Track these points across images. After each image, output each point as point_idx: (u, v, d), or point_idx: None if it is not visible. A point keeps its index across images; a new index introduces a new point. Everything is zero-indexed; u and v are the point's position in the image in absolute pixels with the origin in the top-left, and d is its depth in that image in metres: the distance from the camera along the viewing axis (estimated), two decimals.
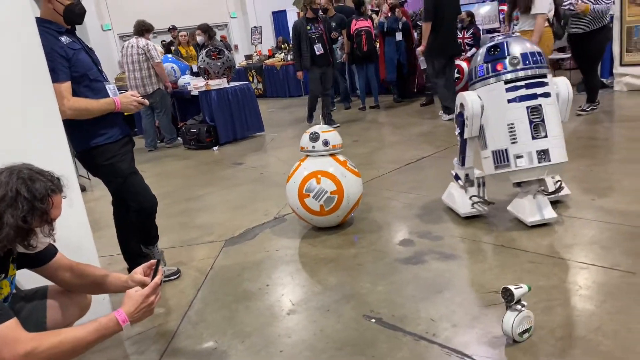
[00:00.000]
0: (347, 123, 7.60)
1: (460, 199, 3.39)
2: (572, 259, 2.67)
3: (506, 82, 2.98)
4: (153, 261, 2.03)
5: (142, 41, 6.91)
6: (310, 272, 2.94)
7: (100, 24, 13.95)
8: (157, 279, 1.92)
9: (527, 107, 2.94)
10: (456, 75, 7.98)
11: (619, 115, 5.94)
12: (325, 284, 2.77)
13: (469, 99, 3.10)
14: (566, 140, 3.10)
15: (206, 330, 2.47)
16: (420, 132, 6.31)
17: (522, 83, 2.95)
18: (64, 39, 2.58)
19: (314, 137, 3.37)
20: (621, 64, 7.10)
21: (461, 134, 3.23)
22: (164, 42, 10.49)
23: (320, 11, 7.40)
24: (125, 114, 2.98)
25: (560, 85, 3.07)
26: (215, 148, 6.79)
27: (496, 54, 3.02)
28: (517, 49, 2.99)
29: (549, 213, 3.06)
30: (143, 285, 1.92)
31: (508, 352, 2.01)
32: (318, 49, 7.04)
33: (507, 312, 2.05)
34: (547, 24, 5.51)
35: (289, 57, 11.64)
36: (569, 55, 8.21)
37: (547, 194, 3.22)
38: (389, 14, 8.26)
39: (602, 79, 7.44)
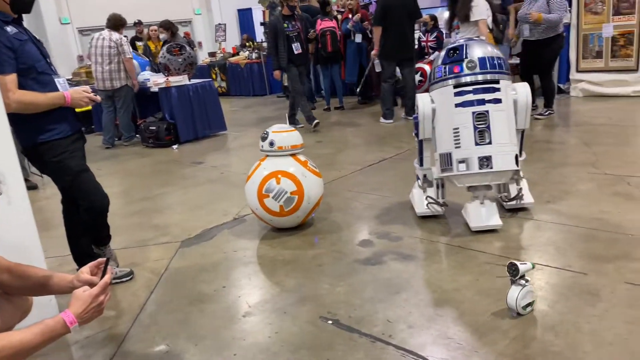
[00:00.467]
0: (307, 124, 7.56)
1: (418, 199, 3.42)
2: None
3: (455, 86, 2.99)
4: (101, 259, 1.94)
5: (115, 35, 6.74)
6: (269, 274, 2.88)
7: (59, 17, 13.49)
8: (107, 277, 1.83)
9: (473, 113, 2.94)
10: (419, 78, 8.08)
11: (575, 120, 6.12)
12: (283, 285, 2.72)
13: (420, 101, 3.14)
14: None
15: (158, 334, 2.39)
16: (383, 134, 6.34)
17: (470, 88, 2.96)
18: (9, 29, 2.45)
19: (263, 137, 3.34)
20: (577, 70, 7.33)
21: (417, 134, 3.24)
22: (125, 37, 10.21)
23: (296, 9, 7.16)
24: (78, 109, 2.85)
25: (519, 92, 3.07)
26: (175, 146, 6.64)
27: (455, 56, 3.04)
28: (476, 52, 3.01)
29: (494, 220, 3.06)
30: (91, 285, 1.83)
31: (462, 353, 2.01)
32: (296, 47, 6.82)
33: (511, 287, 2.19)
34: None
35: (254, 55, 11.55)
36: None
37: (506, 201, 3.27)
38: (349, 16, 8.28)
39: (559, 85, 7.66)
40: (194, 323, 2.44)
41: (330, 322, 2.32)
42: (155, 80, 6.91)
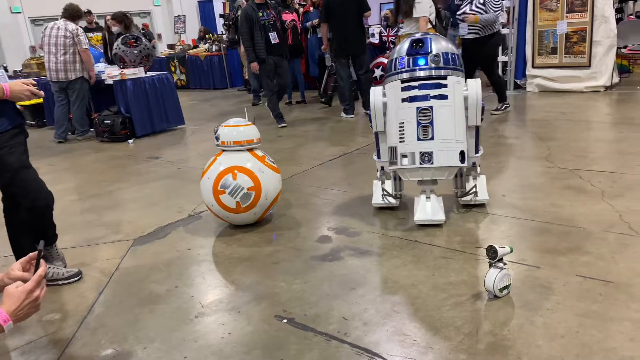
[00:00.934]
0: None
1: (375, 189, 3.44)
2: (482, 254, 2.71)
3: (402, 81, 3.00)
4: (33, 254, 1.81)
5: (71, 25, 6.47)
6: (223, 272, 2.81)
7: (9, 6, 12.93)
8: (41, 270, 1.71)
9: (417, 108, 2.95)
10: (381, 73, 8.09)
11: (530, 115, 6.25)
12: (238, 284, 2.65)
13: (373, 94, 3.15)
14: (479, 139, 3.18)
15: (105, 337, 2.29)
16: (344, 128, 6.32)
17: (416, 83, 2.96)
18: None
19: (215, 130, 3.27)
20: (533, 66, 7.49)
21: (372, 127, 3.24)
22: (80, 27, 9.81)
23: None
24: (25, 103, 2.69)
25: (470, 88, 3.05)
26: (130, 141, 6.44)
27: (419, 48, 3.02)
28: (437, 46, 3.00)
29: (438, 216, 3.08)
30: (24, 281, 1.71)
31: (417, 349, 1.99)
32: (273, 37, 6.42)
33: (489, 269, 2.26)
34: (429, 25, 5.88)
35: (214, 47, 11.34)
36: None
37: (460, 196, 3.29)
38: (311, 9, 8.23)
39: (516, 80, 7.81)
40: (143, 325, 2.35)
41: (285, 320, 2.27)
42: (110, 73, 6.68)
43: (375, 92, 3.15)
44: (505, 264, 2.27)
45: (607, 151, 4.33)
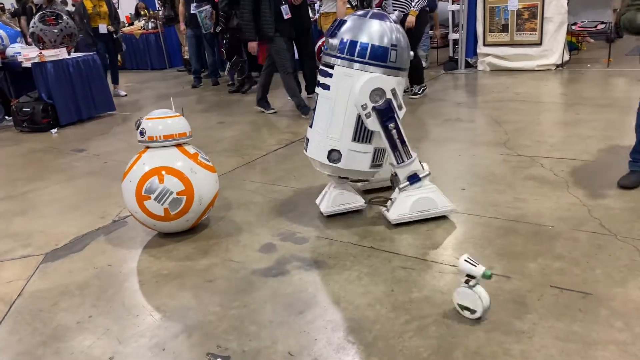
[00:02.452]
0: (213, 102, 6.97)
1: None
2: (444, 262, 2.41)
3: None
4: None
5: None
6: (148, 295, 2.38)
7: None
8: None
9: (316, 94, 2.82)
10: None
11: (483, 96, 6.01)
12: (164, 310, 2.24)
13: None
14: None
15: None
16: (292, 113, 5.90)
17: (321, 68, 2.77)
18: None
19: (137, 125, 2.80)
20: (484, 44, 7.27)
21: None
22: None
23: None
24: None
25: (354, 79, 2.62)
26: (53, 130, 5.80)
27: (334, 31, 2.68)
28: (347, 32, 2.63)
29: (329, 210, 2.96)
30: None
31: None
32: (285, 11, 5.39)
33: (480, 289, 1.95)
34: (348, 5, 5.70)
35: (150, 25, 10.57)
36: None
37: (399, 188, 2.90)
38: None
39: (467, 59, 7.59)
40: None
41: (219, 359, 1.89)
42: (27, 55, 5.95)
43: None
44: (474, 285, 1.96)
45: (566, 135, 4.13)
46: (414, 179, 2.78)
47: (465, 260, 1.96)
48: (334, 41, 2.64)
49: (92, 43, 7.37)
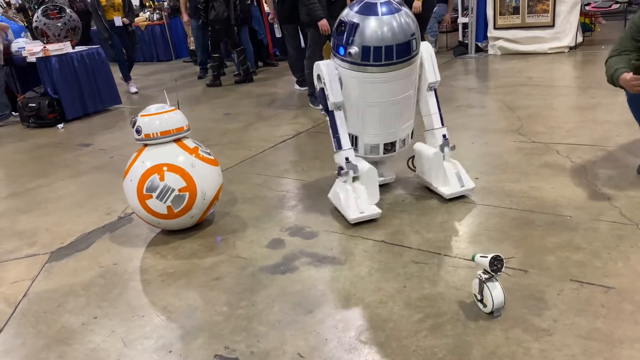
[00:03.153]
0: (217, 93, 6.89)
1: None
2: (458, 256, 2.33)
3: None
4: None
5: None
6: (154, 295, 2.32)
7: None
8: None
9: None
10: None
11: (495, 81, 5.86)
12: (170, 311, 2.18)
13: None
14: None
15: None
16: (298, 103, 5.81)
17: None
18: None
19: (132, 122, 2.72)
20: (495, 28, 7.10)
21: None
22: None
23: None
24: None
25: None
26: (60, 126, 5.76)
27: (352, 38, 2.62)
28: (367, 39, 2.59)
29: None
30: None
31: None
32: None
33: (496, 285, 1.87)
34: None
35: (155, 16, 10.48)
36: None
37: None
38: None
39: (477, 43, 7.43)
40: None
41: None
42: (31, 49, 5.90)
43: None
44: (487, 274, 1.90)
45: (582, 120, 4.00)
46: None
47: (481, 257, 1.89)
48: (354, 50, 2.53)
49: (108, 37, 7.09)
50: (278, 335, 1.94)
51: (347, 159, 2.76)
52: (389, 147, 2.88)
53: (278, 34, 6.99)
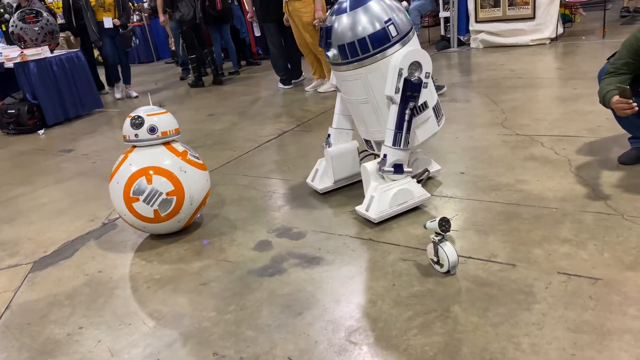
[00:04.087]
0: (201, 93, 6.83)
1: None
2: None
3: None
4: None
5: None
6: (140, 302, 2.29)
7: None
8: None
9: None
10: None
11: (478, 74, 5.88)
12: (158, 318, 2.15)
13: None
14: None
15: None
16: (282, 102, 5.78)
17: None
18: None
19: (137, 123, 2.65)
20: (476, 21, 7.12)
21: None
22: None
23: None
24: None
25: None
26: (40, 132, 5.67)
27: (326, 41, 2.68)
28: (339, 38, 2.63)
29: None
30: None
31: None
32: None
33: (447, 244, 2.10)
34: None
35: (135, 17, 10.36)
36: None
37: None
38: None
39: (459, 37, 7.45)
40: None
41: None
42: (7, 55, 5.79)
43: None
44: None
45: (565, 111, 4.02)
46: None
47: (430, 222, 2.11)
48: (332, 52, 2.57)
49: (97, 39, 6.71)
50: (267, 339, 1.92)
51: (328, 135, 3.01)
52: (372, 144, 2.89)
53: (257, 33, 6.96)
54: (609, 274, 2.01)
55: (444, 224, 2.07)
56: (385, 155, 2.62)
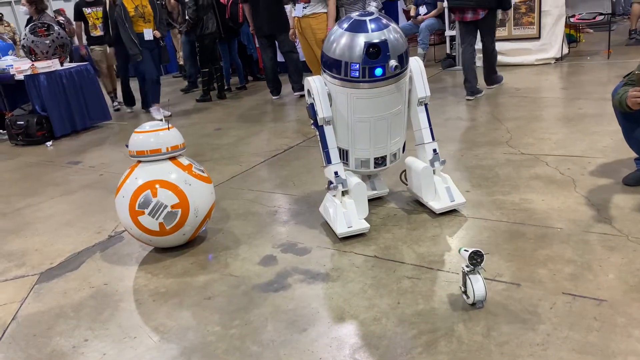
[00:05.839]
0: (208, 108, 6.90)
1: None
2: (451, 270, 2.33)
3: None
4: None
5: None
6: (145, 316, 2.30)
7: None
8: None
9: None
10: None
11: (483, 93, 5.91)
12: (163, 331, 2.15)
13: None
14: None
15: None
16: (288, 117, 5.83)
17: None
18: None
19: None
20: None
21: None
22: None
23: None
24: None
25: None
26: (48, 143, 5.72)
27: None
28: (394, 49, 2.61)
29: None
30: None
31: None
32: None
33: (476, 276, 2.01)
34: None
35: None
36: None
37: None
38: None
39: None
40: None
41: None
42: (19, 67, 5.87)
43: None
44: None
45: (570, 131, 4.04)
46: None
47: (464, 250, 2.03)
48: (393, 63, 2.51)
49: (138, 52, 6.10)
50: (272, 355, 1.92)
51: (336, 173, 2.76)
52: (380, 161, 2.89)
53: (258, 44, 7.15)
54: (614, 295, 2.01)
55: (476, 257, 1.98)
56: (435, 150, 2.89)
